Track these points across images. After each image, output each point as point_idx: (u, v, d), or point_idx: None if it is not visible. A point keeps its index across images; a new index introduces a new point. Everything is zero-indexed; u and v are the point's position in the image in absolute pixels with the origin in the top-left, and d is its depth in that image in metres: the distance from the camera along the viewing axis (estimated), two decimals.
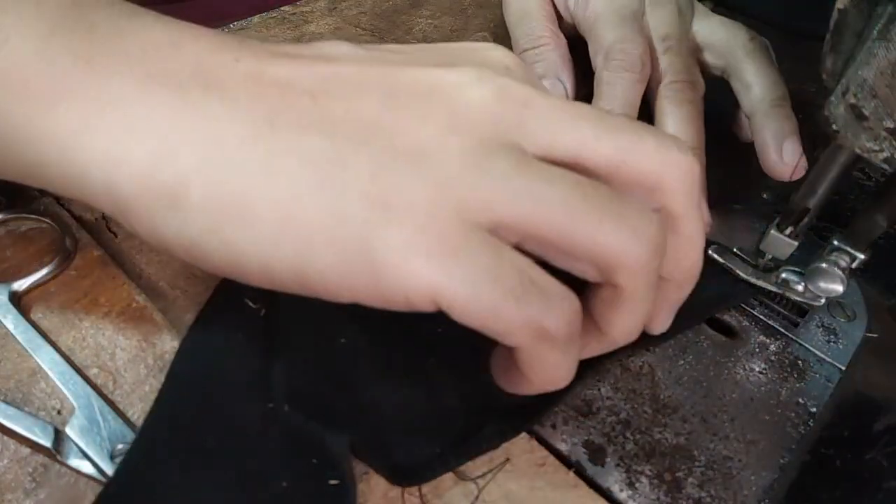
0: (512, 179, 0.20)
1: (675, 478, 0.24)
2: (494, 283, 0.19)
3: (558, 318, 0.19)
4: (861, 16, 0.23)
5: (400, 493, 0.23)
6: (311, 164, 0.19)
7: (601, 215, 0.20)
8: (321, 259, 0.19)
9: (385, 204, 0.19)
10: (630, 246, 0.20)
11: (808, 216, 0.28)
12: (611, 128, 0.21)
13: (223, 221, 0.19)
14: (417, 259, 0.19)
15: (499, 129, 0.21)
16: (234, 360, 0.24)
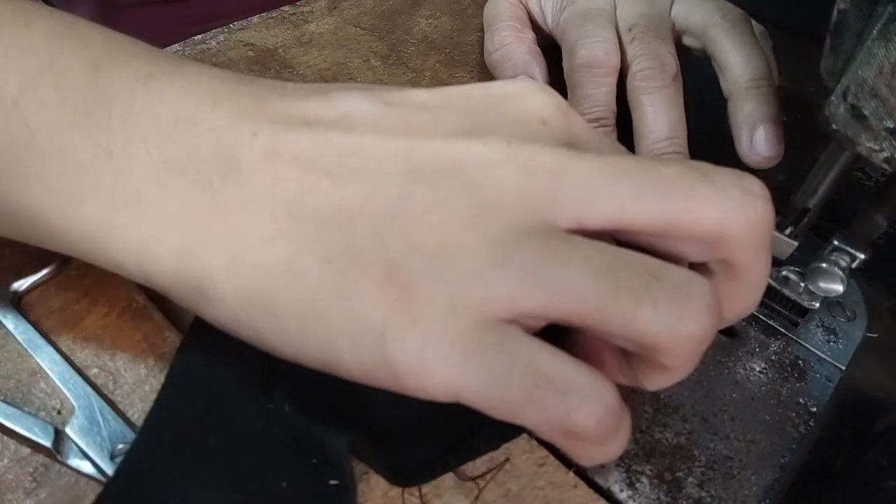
0: (534, 271, 0.18)
1: (675, 477, 0.24)
2: (507, 388, 0.18)
3: (584, 418, 0.18)
4: (861, 16, 0.23)
5: (400, 493, 0.23)
6: (330, 264, 0.19)
7: (637, 302, 0.18)
8: (344, 356, 0.19)
9: (401, 307, 0.19)
10: (675, 331, 0.18)
11: (807, 216, 0.28)
12: (654, 186, 0.19)
13: (250, 314, 0.20)
14: (433, 364, 0.18)
15: (525, 209, 0.19)
16: (235, 361, 0.24)
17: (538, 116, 0.21)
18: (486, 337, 0.18)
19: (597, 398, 0.18)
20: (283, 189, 0.20)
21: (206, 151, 0.20)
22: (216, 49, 0.40)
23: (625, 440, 0.20)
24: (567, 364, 0.19)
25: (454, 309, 0.18)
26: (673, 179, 0.19)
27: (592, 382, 0.19)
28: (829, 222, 0.32)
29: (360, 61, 0.42)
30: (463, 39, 0.45)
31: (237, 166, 0.20)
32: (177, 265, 0.20)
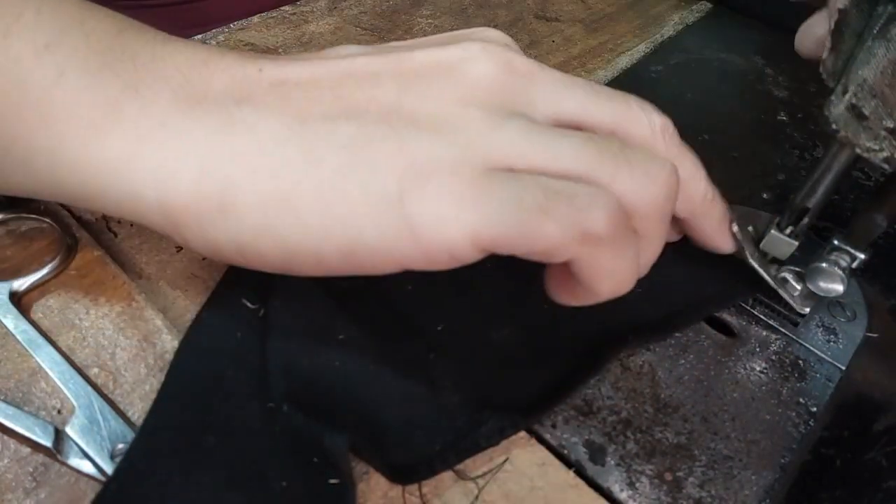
0: (528, 135, 0.21)
1: (675, 477, 0.24)
2: (520, 205, 0.20)
3: (596, 215, 0.20)
4: (861, 16, 0.23)
5: (400, 493, 0.23)
6: (344, 149, 0.21)
7: (616, 163, 0.21)
8: (368, 236, 0.21)
9: (414, 171, 0.20)
10: (646, 190, 0.22)
11: (807, 216, 0.28)
12: (604, 97, 0.24)
13: (274, 220, 0.21)
14: (450, 210, 0.20)
15: (508, 98, 0.23)
16: (234, 360, 0.24)
17: (502, 41, 0.25)
18: (494, 176, 0.21)
19: (602, 197, 0.21)
20: (291, 103, 0.22)
21: (221, 87, 0.22)
22: None
23: (633, 262, 0.22)
24: (566, 181, 0.21)
25: (462, 163, 0.21)
26: (613, 93, 0.24)
27: (592, 188, 0.21)
28: (829, 222, 0.32)
29: None
30: None
31: (249, 94, 0.22)
32: (197, 183, 0.21)
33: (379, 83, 0.23)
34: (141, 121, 0.21)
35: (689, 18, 0.51)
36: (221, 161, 0.21)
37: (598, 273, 0.22)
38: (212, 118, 0.22)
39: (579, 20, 0.49)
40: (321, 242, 0.21)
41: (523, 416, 0.25)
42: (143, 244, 0.29)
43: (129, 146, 0.21)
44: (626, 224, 0.21)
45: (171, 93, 0.22)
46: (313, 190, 0.21)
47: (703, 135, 0.40)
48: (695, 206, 0.26)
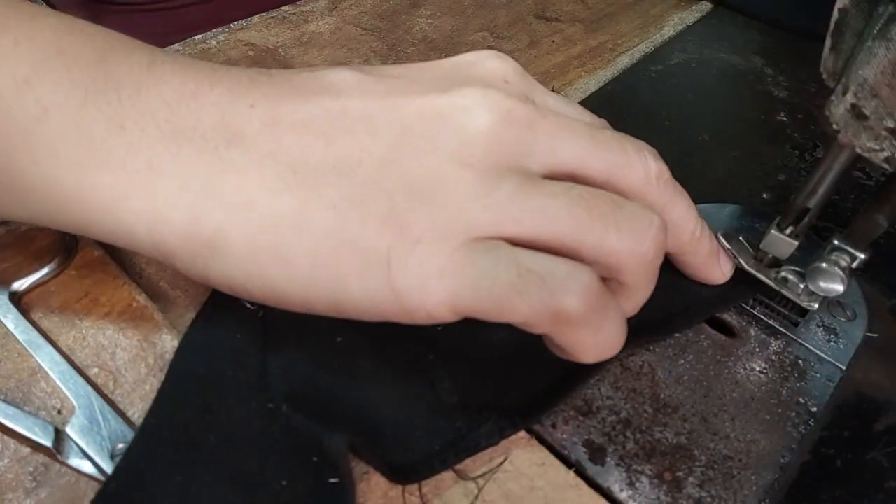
0: (518, 199, 0.21)
1: (675, 477, 0.24)
2: (494, 282, 0.20)
3: (567, 299, 0.20)
4: (861, 15, 0.23)
5: (400, 493, 0.23)
6: (335, 209, 0.21)
7: (605, 224, 0.21)
8: (353, 291, 0.21)
9: (401, 236, 0.21)
10: (634, 250, 0.22)
11: (808, 216, 0.28)
12: (602, 146, 0.24)
13: (263, 266, 0.21)
14: (432, 280, 0.20)
15: (505, 152, 0.22)
16: (233, 361, 0.24)
17: (501, 76, 0.25)
18: (476, 248, 0.21)
19: (575, 278, 0.21)
20: (284, 151, 0.22)
21: (210, 122, 0.22)
22: (216, 49, 0.40)
23: (617, 326, 0.22)
24: (545, 257, 0.21)
25: (448, 232, 0.21)
26: (611, 139, 0.24)
27: (569, 266, 0.21)
28: (829, 222, 0.32)
29: (360, 61, 0.42)
30: (463, 39, 0.45)
31: (240, 134, 0.22)
32: (188, 226, 0.21)
33: (372, 131, 0.22)
34: (128, 160, 0.21)
35: (689, 18, 0.51)
36: (211, 207, 0.21)
37: (576, 347, 0.22)
38: (201, 160, 0.21)
39: (579, 20, 0.49)
40: (309, 294, 0.21)
41: (523, 416, 0.25)
42: None
43: (119, 185, 0.21)
44: (602, 301, 0.21)
45: (157, 129, 0.21)
46: (303, 247, 0.21)
47: (703, 135, 0.40)
48: (682, 244, 0.27)
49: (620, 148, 0.24)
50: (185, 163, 0.21)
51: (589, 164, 0.23)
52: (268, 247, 0.21)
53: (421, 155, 0.22)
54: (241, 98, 0.22)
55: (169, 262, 0.22)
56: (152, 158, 0.21)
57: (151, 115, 0.21)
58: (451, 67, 0.25)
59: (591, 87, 0.43)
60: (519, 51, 0.45)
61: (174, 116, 0.21)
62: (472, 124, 0.22)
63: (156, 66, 0.22)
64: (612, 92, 0.43)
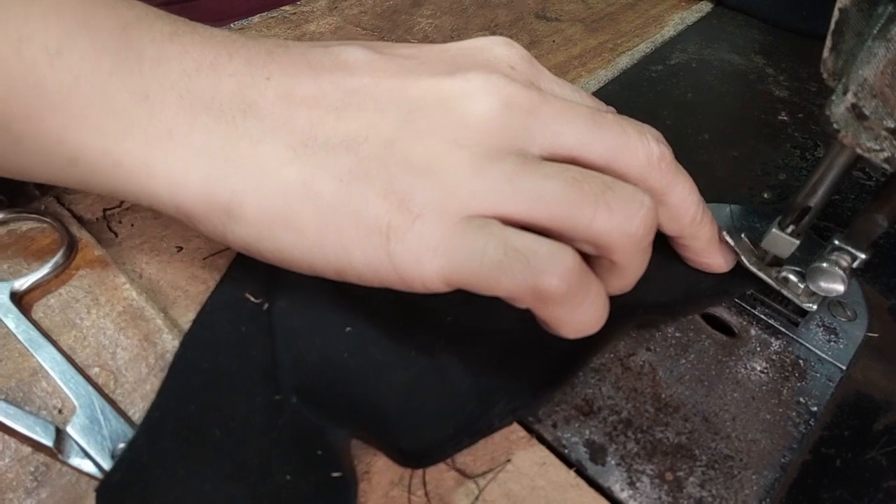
0: (514, 180, 0.22)
1: (676, 477, 0.24)
2: (482, 259, 0.21)
3: (548, 279, 0.21)
4: (861, 15, 0.23)
5: (401, 492, 0.23)
6: (340, 180, 0.22)
7: (596, 205, 0.22)
8: (355, 259, 0.22)
9: (400, 210, 0.22)
10: (623, 230, 0.22)
11: (809, 215, 0.28)
12: (603, 130, 0.24)
13: (273, 230, 0.23)
14: (425, 255, 0.22)
15: (505, 136, 0.23)
16: (237, 355, 0.25)
17: (507, 62, 0.25)
18: (469, 226, 0.22)
19: (557, 259, 0.21)
20: (295, 124, 0.23)
21: (228, 93, 0.23)
22: None
23: (597, 305, 0.22)
24: (531, 237, 0.22)
25: (445, 209, 0.22)
26: (613, 123, 0.24)
27: (553, 247, 0.21)
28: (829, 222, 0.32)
29: None
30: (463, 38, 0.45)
31: (255, 105, 0.23)
32: (205, 190, 0.22)
33: (379, 110, 0.23)
34: (150, 129, 0.22)
35: (689, 18, 0.51)
36: (227, 173, 0.22)
37: (556, 322, 0.22)
38: (218, 128, 0.23)
39: (580, 20, 0.49)
40: (315, 258, 0.23)
41: (534, 397, 0.25)
42: (143, 244, 0.29)
43: (142, 153, 0.22)
44: (582, 281, 0.22)
45: (177, 98, 0.23)
46: (310, 215, 0.22)
47: (703, 135, 0.40)
48: (683, 227, 0.27)
49: (621, 131, 0.24)
50: (203, 131, 0.22)
51: (589, 148, 0.24)
52: (278, 213, 0.22)
53: (423, 135, 0.23)
54: (258, 70, 0.23)
55: (191, 224, 0.24)
56: (172, 127, 0.22)
57: (171, 85, 0.23)
58: (460, 51, 0.26)
59: (591, 87, 0.43)
60: None
61: (193, 86, 0.23)
62: (473, 109, 0.23)
63: (177, 35, 0.23)
64: (612, 92, 0.43)
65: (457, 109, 0.23)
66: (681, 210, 0.26)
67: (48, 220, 0.28)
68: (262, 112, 0.23)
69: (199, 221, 0.23)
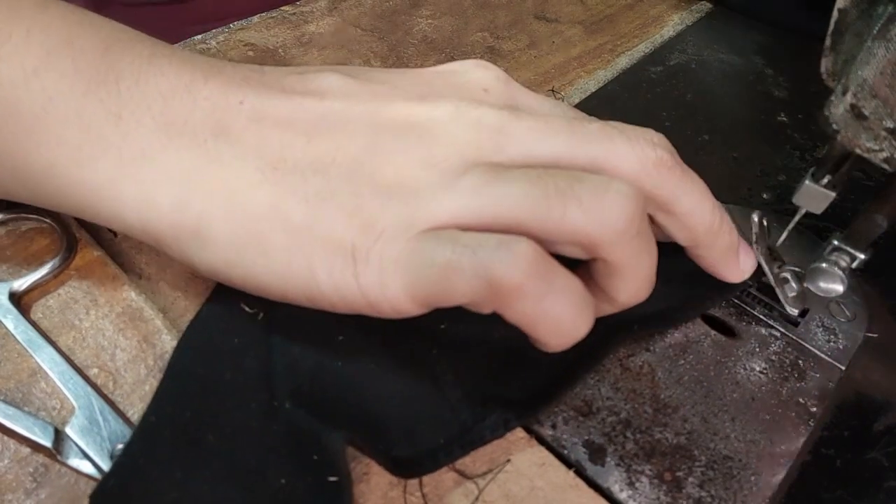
0: (478, 190, 0.22)
1: (675, 477, 0.24)
2: (433, 264, 0.21)
3: (499, 265, 0.20)
4: (861, 16, 0.23)
5: (400, 493, 0.23)
6: (308, 202, 0.22)
7: (564, 199, 0.21)
8: (322, 283, 0.22)
9: (364, 232, 0.22)
10: (600, 220, 0.21)
11: (848, 162, 0.25)
12: (583, 139, 0.23)
13: (241, 254, 0.22)
14: (387, 273, 0.21)
15: (474, 154, 0.23)
16: (231, 363, 0.24)
17: (480, 86, 0.25)
18: (426, 237, 0.21)
19: (506, 246, 0.20)
20: (266, 146, 0.23)
21: (201, 116, 0.23)
22: (216, 49, 0.40)
23: (566, 297, 0.21)
24: (482, 234, 0.21)
25: (408, 226, 0.21)
26: (596, 131, 0.23)
27: (504, 238, 0.20)
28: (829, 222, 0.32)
29: (360, 62, 0.42)
30: (463, 39, 0.45)
31: (227, 128, 0.23)
32: (175, 213, 0.22)
33: (349, 133, 0.23)
34: (123, 149, 0.22)
35: (689, 19, 0.51)
36: (197, 196, 0.22)
37: (529, 324, 0.21)
38: (189, 151, 0.23)
39: (579, 21, 0.49)
40: (285, 284, 0.22)
41: (527, 408, 0.25)
42: (143, 244, 0.29)
43: (114, 172, 0.22)
44: (540, 269, 0.20)
45: (151, 120, 0.23)
46: (278, 238, 0.22)
47: (703, 135, 0.40)
48: (697, 237, 0.25)
49: (605, 138, 0.23)
50: (175, 153, 0.22)
51: (568, 159, 0.23)
52: (246, 236, 0.22)
53: (391, 157, 0.23)
54: (232, 94, 0.23)
55: (159, 247, 0.24)
56: (145, 148, 0.22)
57: (147, 106, 0.23)
58: (435, 76, 0.26)
59: (591, 88, 0.43)
60: (519, 51, 0.45)
61: (168, 109, 0.23)
62: (444, 135, 0.23)
63: (156, 57, 0.24)
64: (612, 92, 0.43)
65: (425, 135, 0.23)
66: (693, 219, 0.25)
67: (47, 220, 0.28)
68: (233, 135, 0.23)
69: (168, 246, 0.23)
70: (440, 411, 0.24)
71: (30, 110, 0.22)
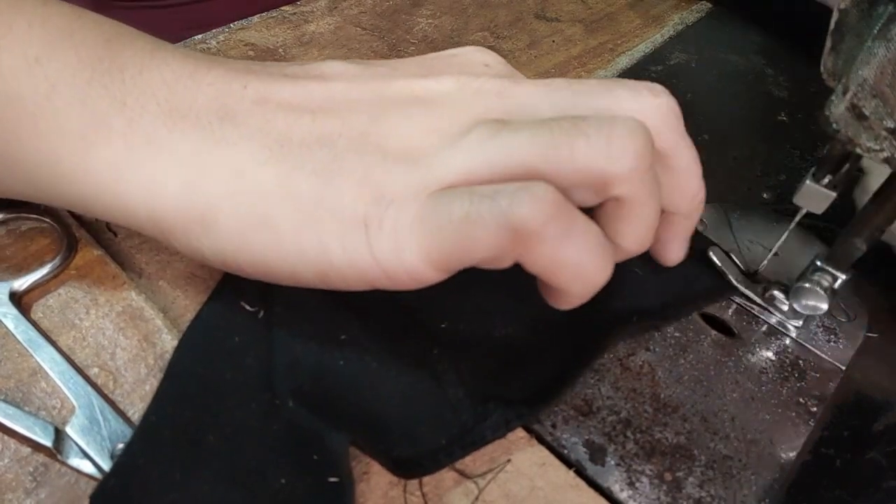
0: (484, 143, 0.21)
1: (675, 477, 0.24)
2: (451, 219, 0.20)
3: (519, 208, 0.20)
4: (861, 15, 0.23)
5: (400, 492, 0.23)
6: (316, 177, 0.22)
7: (571, 139, 0.21)
8: (336, 257, 0.21)
9: (376, 199, 0.21)
10: (610, 154, 0.21)
11: (849, 162, 0.25)
12: (585, 94, 0.23)
13: (251, 239, 0.22)
14: (402, 237, 0.21)
15: (476, 113, 0.23)
16: (232, 363, 0.24)
17: (481, 62, 0.26)
18: (440, 196, 0.21)
19: (524, 188, 0.20)
20: (271, 126, 0.23)
21: (205, 101, 0.23)
22: (216, 49, 0.40)
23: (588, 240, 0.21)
24: (499, 184, 0.21)
25: (418, 190, 0.21)
26: (597, 88, 0.23)
27: (520, 183, 0.20)
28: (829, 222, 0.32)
29: None
30: (463, 39, 0.45)
31: (232, 112, 0.23)
32: (181, 198, 0.22)
33: (353, 110, 0.23)
34: (128, 135, 0.22)
35: (689, 18, 0.51)
36: (203, 179, 0.22)
37: (553, 271, 0.21)
38: (195, 134, 0.22)
39: (579, 20, 0.49)
40: (296, 263, 0.22)
41: (529, 408, 0.25)
42: (143, 244, 0.29)
43: (119, 159, 0.22)
44: (560, 210, 0.20)
45: (156, 106, 0.22)
46: (287, 215, 0.22)
47: (703, 135, 0.40)
48: (682, 201, 0.25)
49: (606, 91, 0.23)
50: (180, 138, 0.22)
51: (571, 114, 0.22)
52: (255, 215, 0.22)
53: (397, 126, 0.23)
54: (236, 80, 0.23)
55: (165, 239, 0.23)
56: (151, 134, 0.22)
57: (152, 93, 0.23)
58: (435, 58, 0.26)
59: None
60: (519, 51, 0.45)
61: (172, 95, 0.23)
62: (444, 103, 0.23)
63: (158, 50, 0.24)
64: None
65: (429, 104, 0.23)
66: (686, 179, 0.24)
67: (48, 220, 0.28)
68: (238, 117, 0.23)
69: (173, 234, 0.23)
70: (441, 411, 0.24)
71: (32, 100, 0.22)
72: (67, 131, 0.22)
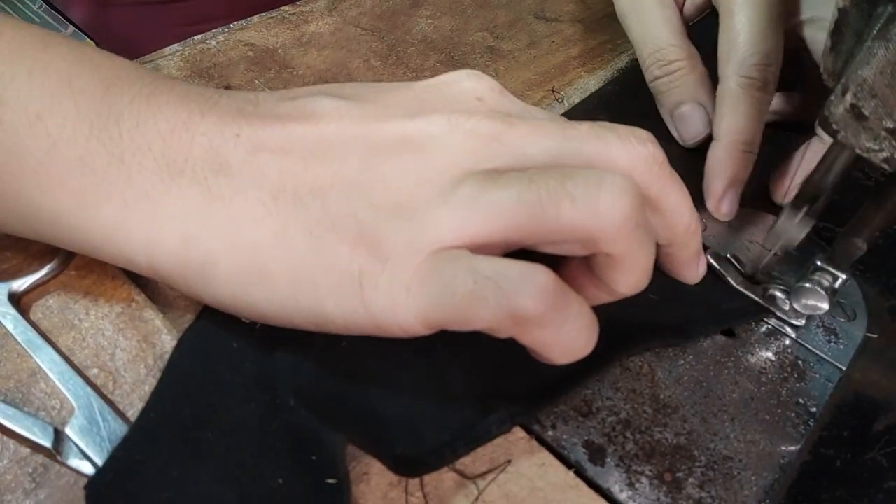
0: (474, 200, 0.22)
1: (675, 478, 0.24)
2: (454, 294, 0.21)
3: (522, 301, 0.20)
4: (861, 16, 0.23)
5: (400, 493, 0.23)
6: (311, 232, 0.22)
7: (557, 199, 0.21)
8: (330, 311, 0.22)
9: (371, 257, 0.22)
10: (596, 214, 0.21)
11: (822, 196, 0.26)
12: (575, 140, 0.23)
13: (248, 288, 0.23)
14: (399, 298, 0.22)
15: (469, 162, 0.23)
16: (230, 366, 0.24)
17: (473, 95, 0.25)
18: (438, 260, 0.21)
19: (528, 278, 0.21)
20: (265, 177, 0.23)
21: (200, 153, 0.23)
22: (216, 49, 0.40)
23: (582, 324, 0.22)
24: (502, 261, 0.21)
25: (414, 247, 0.22)
26: (589, 135, 0.24)
27: (524, 268, 0.21)
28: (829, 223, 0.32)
29: (359, 61, 0.42)
30: (463, 39, 0.45)
31: (226, 163, 0.23)
32: (181, 252, 0.23)
33: (344, 157, 0.23)
34: (127, 192, 0.23)
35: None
36: (201, 234, 0.23)
37: (543, 347, 0.22)
38: (191, 190, 0.23)
39: (579, 20, 0.49)
40: (292, 314, 0.23)
41: (533, 403, 0.25)
42: None
43: (119, 215, 0.23)
44: (560, 299, 0.21)
45: (153, 161, 0.23)
46: (283, 270, 0.22)
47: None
48: (675, 236, 0.26)
49: (597, 138, 0.23)
50: (178, 193, 0.23)
51: (563, 161, 0.23)
52: (252, 271, 0.22)
53: (387, 177, 0.23)
54: (228, 127, 0.24)
55: (166, 284, 0.24)
56: (149, 190, 0.23)
57: (148, 147, 0.23)
58: (426, 90, 0.26)
59: (591, 87, 0.43)
60: (519, 51, 0.45)
61: (168, 149, 0.23)
62: (435, 147, 0.23)
63: (154, 95, 0.24)
64: (612, 92, 0.43)
65: (419, 150, 0.23)
66: (675, 217, 0.25)
67: None
68: (232, 169, 0.23)
69: (175, 283, 0.24)
70: (445, 408, 0.24)
71: (34, 156, 0.23)
72: (68, 189, 0.23)
